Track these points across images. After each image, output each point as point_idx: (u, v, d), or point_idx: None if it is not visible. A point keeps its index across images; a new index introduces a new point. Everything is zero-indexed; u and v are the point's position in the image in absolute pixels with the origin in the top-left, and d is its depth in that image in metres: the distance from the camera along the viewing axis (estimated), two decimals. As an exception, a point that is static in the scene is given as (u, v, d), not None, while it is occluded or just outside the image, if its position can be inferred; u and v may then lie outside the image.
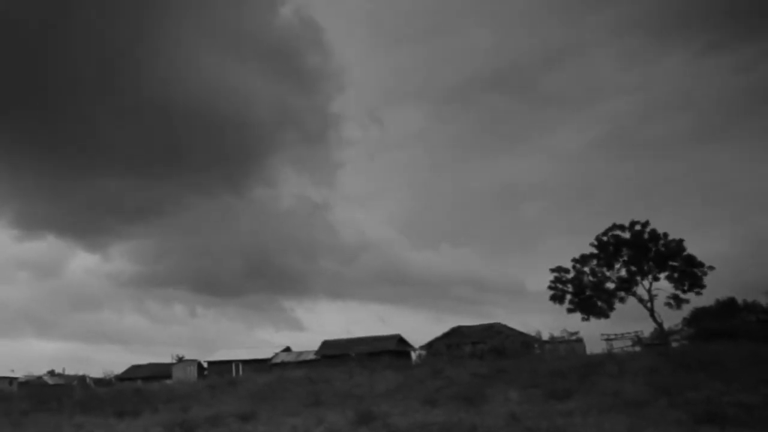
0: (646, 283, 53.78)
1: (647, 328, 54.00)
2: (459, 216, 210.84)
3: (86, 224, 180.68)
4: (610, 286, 55.43)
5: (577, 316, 56.06)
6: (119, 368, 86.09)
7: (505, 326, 60.05)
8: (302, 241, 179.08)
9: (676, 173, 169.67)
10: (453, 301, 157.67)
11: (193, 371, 72.01)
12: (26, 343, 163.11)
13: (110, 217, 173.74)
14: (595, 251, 56.37)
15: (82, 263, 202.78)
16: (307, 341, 75.59)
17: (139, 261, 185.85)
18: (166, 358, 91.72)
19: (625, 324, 68.94)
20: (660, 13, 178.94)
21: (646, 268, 53.40)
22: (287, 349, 74.22)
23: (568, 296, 56.70)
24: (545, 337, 54.47)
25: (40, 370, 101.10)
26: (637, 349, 44.23)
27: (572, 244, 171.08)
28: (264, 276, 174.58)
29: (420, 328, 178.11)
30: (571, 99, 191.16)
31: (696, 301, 52.50)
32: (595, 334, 58.49)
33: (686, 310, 53.12)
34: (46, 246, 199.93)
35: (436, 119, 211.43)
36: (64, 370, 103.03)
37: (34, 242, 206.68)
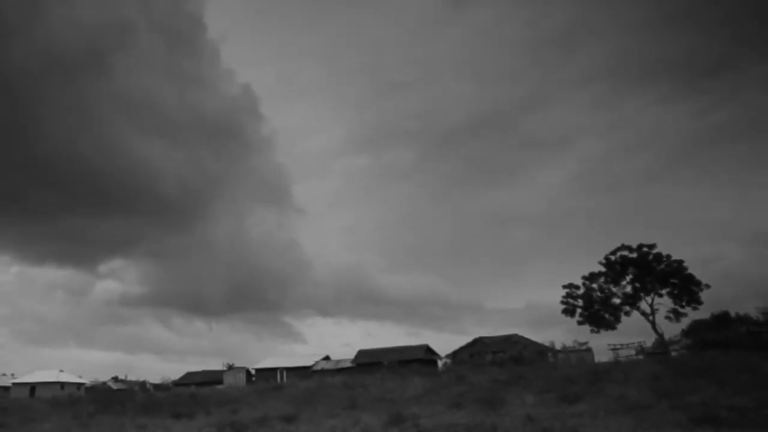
0: (648, 298, 53.66)
1: (649, 339, 53.54)
2: (433, 245, 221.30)
3: (77, 255, 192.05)
4: (617, 301, 55.10)
5: (587, 328, 55.80)
6: (174, 374, 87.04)
7: (522, 337, 59.68)
8: (291, 268, 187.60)
9: (639, 204, 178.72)
10: (424, 318, 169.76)
11: (242, 377, 71.79)
12: (73, 352, 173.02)
13: (93, 249, 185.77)
14: (603, 269, 56.18)
15: (93, 286, 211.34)
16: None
17: (140, 285, 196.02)
18: (201, 366, 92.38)
19: (629, 335, 68.28)
20: (622, 64, 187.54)
21: (649, 285, 53.19)
22: (326, 358, 73.77)
23: (579, 310, 56.29)
24: (558, 347, 54.24)
25: (103, 376, 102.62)
26: (641, 357, 43.79)
27: (545, 269, 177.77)
28: (254, 298, 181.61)
29: (400, 340, 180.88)
30: (547, 140, 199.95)
31: (693, 314, 52.37)
32: (602, 344, 58.13)
33: (684, 322, 52.88)
34: (54, 273, 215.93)
35: (424, 158, 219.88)
36: (126, 376, 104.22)
37: (45, 270, 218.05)
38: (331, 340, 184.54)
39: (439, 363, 61.77)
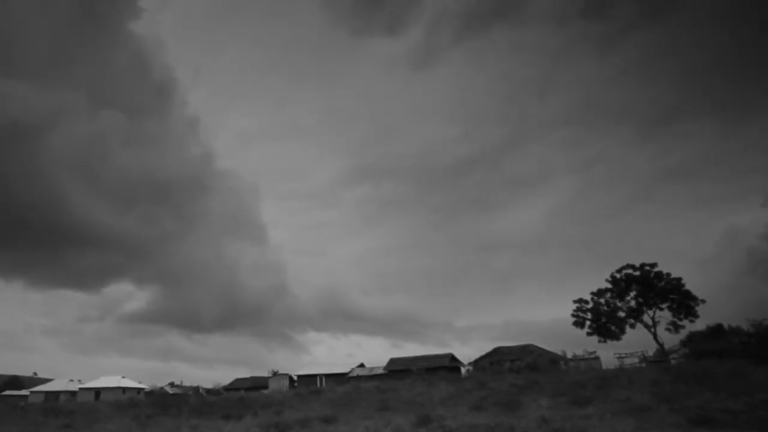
0: (650, 312, 53.06)
1: (651, 349, 52.91)
2: (421, 269, 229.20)
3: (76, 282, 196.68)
4: (622, 314, 54.58)
5: (595, 338, 55.29)
6: (205, 381, 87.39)
7: (537, 347, 59.00)
8: (289, 291, 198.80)
9: (612, 233, 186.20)
10: (402, 333, 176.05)
11: (286, 383, 71.89)
12: (115, 360, 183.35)
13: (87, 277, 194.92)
14: (609, 286, 55.78)
15: (109, 306, 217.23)
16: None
17: (149, 305, 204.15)
18: (227, 372, 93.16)
19: (633, 345, 67.49)
20: (589, 110, 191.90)
21: (651, 300, 52.77)
22: (361, 365, 73.13)
23: (588, 322, 55.79)
24: (569, 355, 53.76)
25: (161, 381, 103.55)
26: (643, 365, 43.31)
27: (524, 290, 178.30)
28: (259, 316, 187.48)
29: (390, 352, 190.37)
30: (527, 177, 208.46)
31: (690, 326, 51.98)
32: (609, 353, 57.42)
33: (683, 333, 52.31)
34: (72, 295, 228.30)
35: (417, 193, 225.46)
36: (181, 381, 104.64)
37: (61, 292, 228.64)
38: (332, 351, 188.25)
39: (463, 370, 61.39)
